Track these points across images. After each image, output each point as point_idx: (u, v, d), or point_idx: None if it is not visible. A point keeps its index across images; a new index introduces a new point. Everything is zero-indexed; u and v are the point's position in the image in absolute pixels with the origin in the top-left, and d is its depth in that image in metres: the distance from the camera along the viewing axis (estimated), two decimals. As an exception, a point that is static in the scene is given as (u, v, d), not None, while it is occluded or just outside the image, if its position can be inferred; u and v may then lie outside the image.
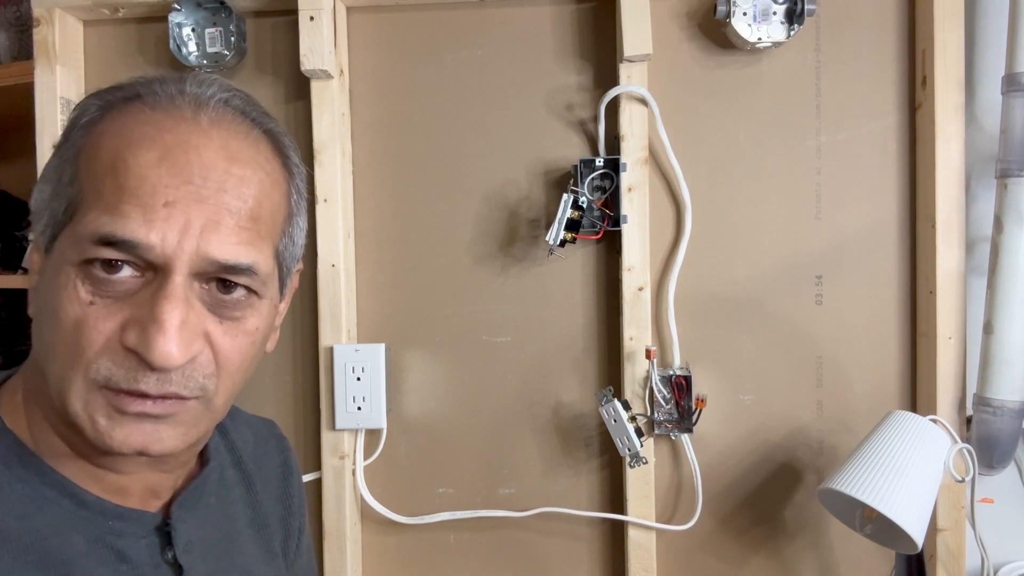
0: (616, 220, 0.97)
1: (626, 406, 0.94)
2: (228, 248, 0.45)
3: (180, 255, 0.44)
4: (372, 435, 1.04)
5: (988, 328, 0.91)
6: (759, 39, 0.94)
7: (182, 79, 0.48)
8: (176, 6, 0.99)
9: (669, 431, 0.98)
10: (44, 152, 1.01)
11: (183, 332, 0.44)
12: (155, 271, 0.44)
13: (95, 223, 0.43)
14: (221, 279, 0.46)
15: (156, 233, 0.43)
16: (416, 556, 1.05)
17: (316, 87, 0.99)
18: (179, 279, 0.44)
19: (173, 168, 0.44)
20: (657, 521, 0.99)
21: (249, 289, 0.48)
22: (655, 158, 1.00)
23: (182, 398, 0.46)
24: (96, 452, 0.47)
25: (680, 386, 0.96)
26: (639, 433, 0.93)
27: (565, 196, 0.93)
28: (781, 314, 1.01)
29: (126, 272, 0.44)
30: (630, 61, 0.95)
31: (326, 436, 1.01)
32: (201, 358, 0.46)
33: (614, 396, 0.94)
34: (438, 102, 1.04)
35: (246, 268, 0.46)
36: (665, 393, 0.97)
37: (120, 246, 0.43)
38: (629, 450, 0.93)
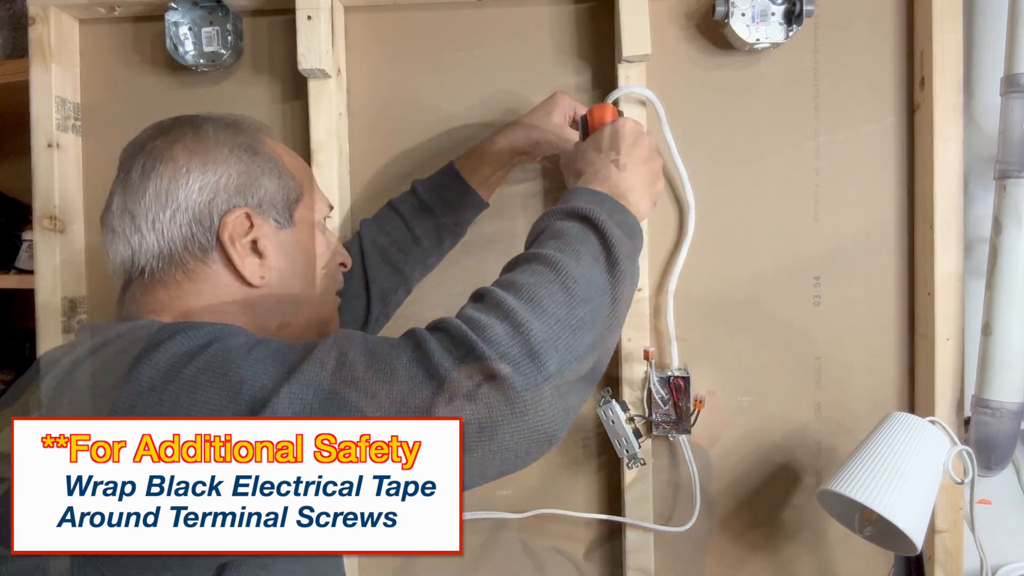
0: (614, 221, 0.96)
1: (624, 407, 0.94)
2: None
3: None
4: (369, 436, 1.03)
5: (987, 330, 0.91)
6: (757, 40, 0.94)
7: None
8: (172, 5, 0.98)
9: (667, 432, 0.97)
10: (39, 151, 1.00)
11: None
12: None
13: (322, 199, 0.74)
14: None
15: None
16: (415, 556, 1.05)
17: (313, 86, 0.98)
18: None
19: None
20: (655, 522, 0.98)
21: None
22: (654, 159, 1.00)
23: None
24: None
25: (678, 387, 0.96)
26: (637, 434, 0.93)
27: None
28: (779, 315, 1.00)
29: None
30: (628, 62, 0.95)
31: (322, 437, 1.00)
32: None
33: (612, 397, 0.94)
34: (436, 102, 1.03)
35: None
36: (663, 394, 0.97)
37: (330, 209, 0.76)
38: (627, 451, 0.92)
